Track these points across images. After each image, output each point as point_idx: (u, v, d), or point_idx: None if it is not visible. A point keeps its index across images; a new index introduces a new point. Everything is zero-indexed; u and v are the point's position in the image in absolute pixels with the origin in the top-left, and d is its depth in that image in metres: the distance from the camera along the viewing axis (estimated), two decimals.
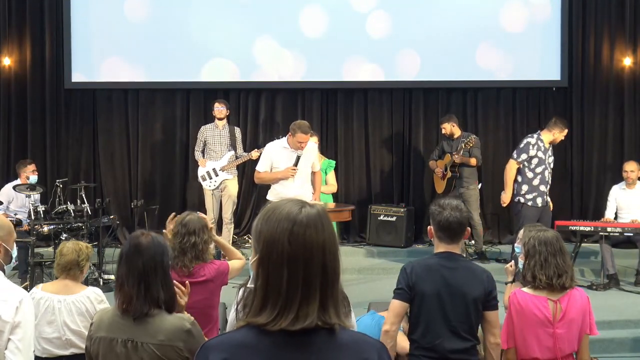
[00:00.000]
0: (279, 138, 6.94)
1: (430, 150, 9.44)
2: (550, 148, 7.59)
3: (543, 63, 9.32)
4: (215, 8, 9.32)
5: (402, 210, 8.95)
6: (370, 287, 7.44)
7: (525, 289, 3.51)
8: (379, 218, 9.01)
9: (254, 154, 8.11)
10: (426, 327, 3.40)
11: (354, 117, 9.54)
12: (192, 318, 2.79)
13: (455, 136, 8.48)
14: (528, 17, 9.28)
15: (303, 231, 1.57)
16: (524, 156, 7.44)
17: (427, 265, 3.44)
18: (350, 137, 9.56)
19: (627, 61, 9.27)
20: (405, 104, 9.55)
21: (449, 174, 8.39)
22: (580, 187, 9.35)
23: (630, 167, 7.98)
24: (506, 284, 4.13)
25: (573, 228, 7.91)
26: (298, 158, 6.47)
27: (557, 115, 9.39)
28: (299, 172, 6.48)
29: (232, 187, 8.38)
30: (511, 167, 7.53)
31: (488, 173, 9.27)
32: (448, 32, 9.20)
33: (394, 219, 8.93)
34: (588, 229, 7.72)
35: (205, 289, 3.92)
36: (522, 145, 7.50)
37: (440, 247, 3.47)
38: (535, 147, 7.44)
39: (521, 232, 4.10)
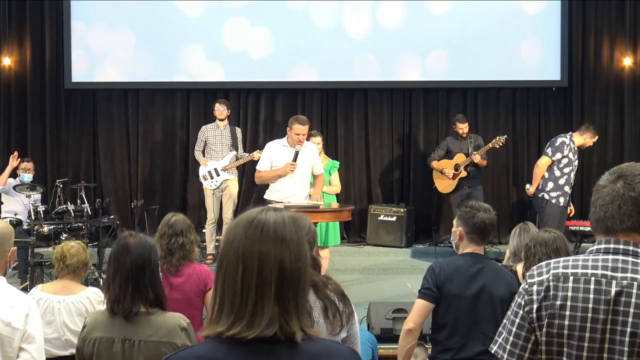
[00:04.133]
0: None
1: (430, 150, 9.43)
2: (577, 151, 7.62)
3: (543, 63, 9.32)
4: (215, 8, 9.33)
5: (402, 210, 8.94)
6: (370, 287, 7.44)
7: None
8: (379, 218, 9.01)
9: (256, 154, 8.10)
10: (453, 329, 3.38)
11: (354, 117, 9.54)
12: (188, 319, 2.80)
13: (465, 132, 8.51)
14: (528, 17, 9.28)
15: (261, 227, 1.56)
16: (558, 155, 7.42)
17: (455, 265, 3.43)
18: (350, 137, 9.56)
19: (627, 61, 9.26)
20: (405, 104, 9.55)
21: (464, 173, 8.39)
22: (580, 187, 9.34)
23: None
24: None
25: (573, 228, 7.90)
26: (297, 153, 6.47)
27: (557, 115, 9.44)
28: (298, 168, 6.47)
29: (233, 187, 8.38)
30: (544, 164, 7.48)
31: (488, 174, 9.25)
32: (448, 32, 9.20)
33: (394, 219, 8.92)
34: (588, 229, 7.73)
35: (189, 288, 3.91)
36: (557, 144, 7.49)
37: (468, 248, 3.46)
38: (568, 147, 7.46)
39: (514, 230, 4.13)
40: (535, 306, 1.88)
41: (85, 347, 2.74)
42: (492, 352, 1.96)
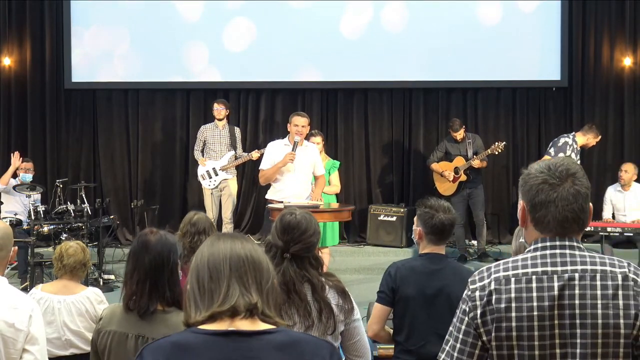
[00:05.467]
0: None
1: (430, 150, 9.43)
2: (580, 151, 7.63)
3: (543, 63, 9.31)
4: (215, 9, 9.32)
5: (402, 210, 8.94)
6: (370, 287, 7.38)
7: None
8: (379, 218, 9.01)
9: (255, 154, 8.12)
10: (410, 330, 3.37)
11: (354, 117, 9.53)
12: None
13: (460, 138, 8.51)
14: (528, 17, 9.27)
15: (221, 236, 1.83)
16: (560, 155, 7.43)
17: (411, 267, 3.41)
18: (350, 137, 9.56)
19: (627, 61, 9.26)
20: (405, 104, 9.55)
21: (464, 177, 8.40)
22: None
23: (625, 167, 7.99)
24: None
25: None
26: (295, 144, 6.49)
27: (557, 115, 9.44)
28: (298, 167, 6.49)
29: (232, 186, 8.38)
30: None
31: (488, 174, 9.25)
32: (448, 32, 9.20)
33: (394, 219, 8.92)
34: (588, 228, 7.71)
35: None
36: (560, 144, 7.51)
37: (427, 249, 3.44)
38: (571, 147, 7.48)
39: (517, 230, 4.11)
40: (479, 312, 1.88)
41: (100, 339, 2.71)
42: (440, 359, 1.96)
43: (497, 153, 8.38)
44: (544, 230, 1.93)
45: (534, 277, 1.86)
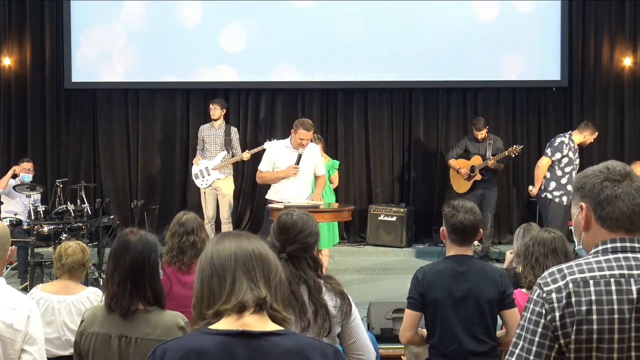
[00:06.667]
0: (277, 139, 6.96)
1: (430, 150, 9.44)
2: (578, 149, 7.65)
3: (543, 63, 9.31)
4: (216, 9, 9.33)
5: (402, 210, 8.94)
6: (370, 287, 7.44)
7: (524, 290, 3.52)
8: (379, 218, 9.00)
9: (245, 155, 8.17)
10: (442, 333, 3.36)
11: (354, 117, 9.53)
12: (186, 318, 2.78)
13: (482, 137, 8.50)
14: (528, 17, 9.27)
15: (224, 235, 1.85)
16: (557, 155, 7.49)
17: (438, 270, 3.39)
18: (350, 137, 9.55)
19: (627, 61, 9.26)
20: (405, 104, 9.54)
21: (479, 177, 8.40)
22: None
23: (635, 167, 7.99)
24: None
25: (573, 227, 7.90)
26: (299, 156, 6.47)
27: (557, 115, 9.44)
28: (300, 170, 6.48)
29: (225, 186, 8.36)
30: (544, 164, 7.57)
31: None
32: (448, 32, 9.20)
33: (394, 219, 8.92)
34: None
35: None
36: (556, 144, 7.55)
37: (452, 250, 3.41)
38: (567, 147, 7.51)
39: (518, 230, 4.13)
40: (557, 314, 1.85)
41: (83, 342, 2.72)
42: None
43: (513, 156, 8.39)
44: (612, 227, 1.92)
45: (612, 279, 1.86)
